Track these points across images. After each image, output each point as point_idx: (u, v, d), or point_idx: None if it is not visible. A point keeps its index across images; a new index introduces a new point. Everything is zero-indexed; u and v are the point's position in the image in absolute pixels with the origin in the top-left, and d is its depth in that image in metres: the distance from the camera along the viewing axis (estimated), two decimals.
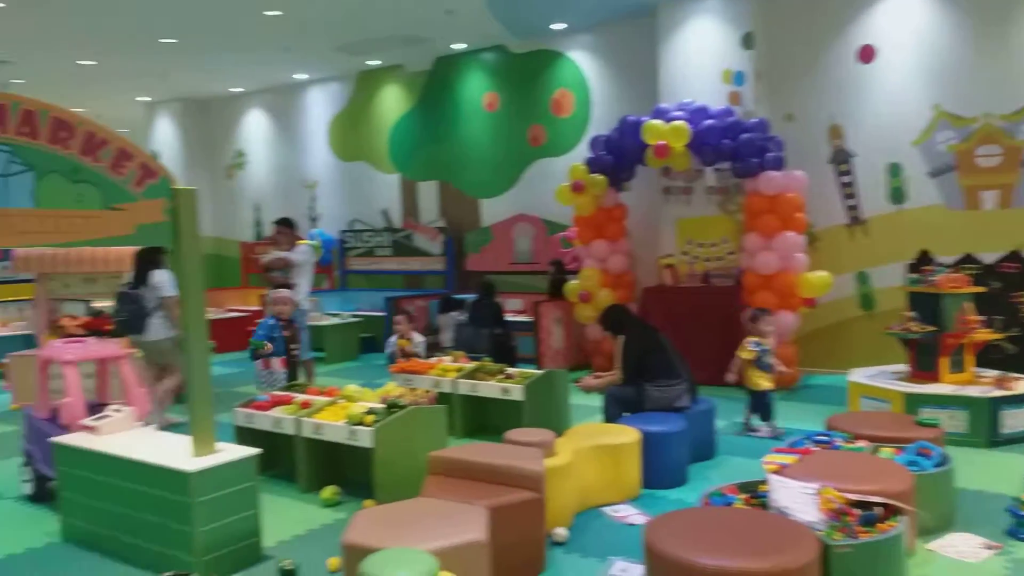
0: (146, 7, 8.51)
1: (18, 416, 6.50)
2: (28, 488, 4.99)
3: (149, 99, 13.84)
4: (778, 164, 7.68)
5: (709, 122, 7.70)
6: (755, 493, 3.60)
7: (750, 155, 7.59)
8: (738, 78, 8.18)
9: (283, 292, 6.44)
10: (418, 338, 7.26)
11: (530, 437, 4.29)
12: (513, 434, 4.41)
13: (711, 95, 8.07)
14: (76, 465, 4.22)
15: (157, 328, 6.59)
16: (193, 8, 8.55)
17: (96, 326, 7.39)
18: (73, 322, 7.56)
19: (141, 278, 6.64)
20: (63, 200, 3.35)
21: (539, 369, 7.10)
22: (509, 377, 6.09)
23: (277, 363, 6.11)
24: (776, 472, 3.65)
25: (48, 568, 3.98)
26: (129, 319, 6.51)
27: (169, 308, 6.49)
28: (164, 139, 14.03)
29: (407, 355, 7.04)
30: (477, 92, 10.88)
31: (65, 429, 4.57)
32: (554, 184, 9.07)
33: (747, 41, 8.21)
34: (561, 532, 4.07)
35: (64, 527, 4.34)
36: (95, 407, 4.68)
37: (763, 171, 7.58)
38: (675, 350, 5.56)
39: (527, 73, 10.40)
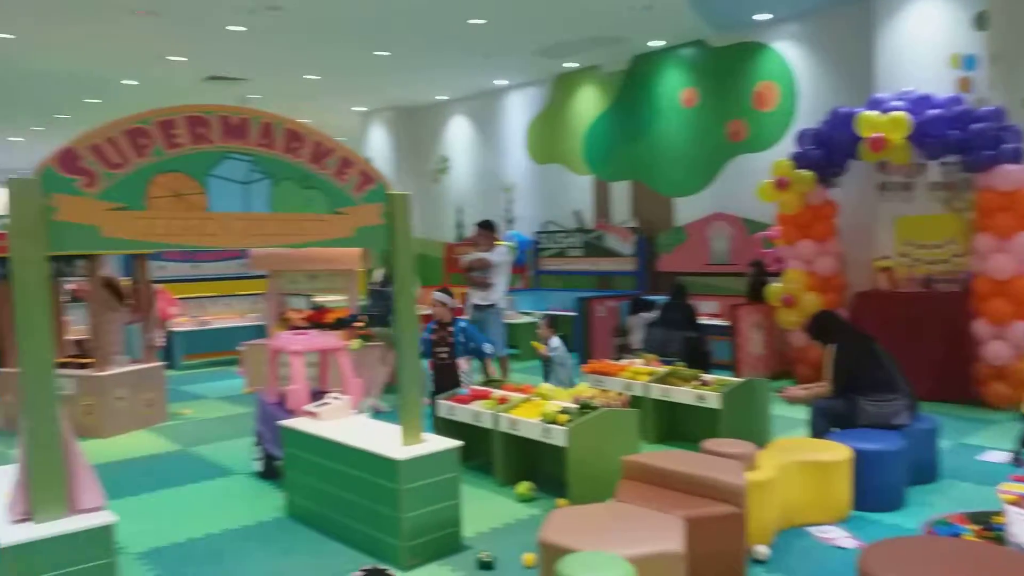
0: (364, 24, 9.17)
1: (251, 400, 7.25)
2: (258, 466, 5.53)
3: (364, 109, 14.91)
4: (1016, 156, 6.86)
5: (934, 111, 7.02)
6: (989, 525, 3.24)
7: (983, 147, 6.83)
8: (968, 62, 7.38)
9: (439, 295, 6.50)
10: (555, 343, 7.12)
11: (730, 448, 4.13)
12: (711, 444, 4.26)
13: (935, 82, 7.35)
14: (300, 447, 4.62)
15: None
16: (405, 21, 9.09)
17: (318, 319, 8.07)
18: (298, 315, 8.31)
19: (391, 277, 7.28)
20: (294, 205, 3.68)
21: (735, 376, 6.83)
22: (704, 384, 5.91)
23: (463, 362, 6.29)
24: (1016, 503, 3.25)
25: (274, 540, 4.39)
26: (380, 313, 7.19)
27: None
28: (377, 146, 15.04)
29: (543, 357, 7.03)
30: (674, 88, 10.66)
31: (291, 413, 5.02)
32: (755, 181, 8.67)
33: (980, 21, 7.38)
34: (762, 550, 3.88)
35: (288, 504, 4.77)
36: (317, 394, 5.11)
37: (998, 164, 6.80)
38: (893, 361, 5.12)
39: (727, 67, 10.03)
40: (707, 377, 6.06)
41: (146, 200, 3.28)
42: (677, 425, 6.10)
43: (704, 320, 8.93)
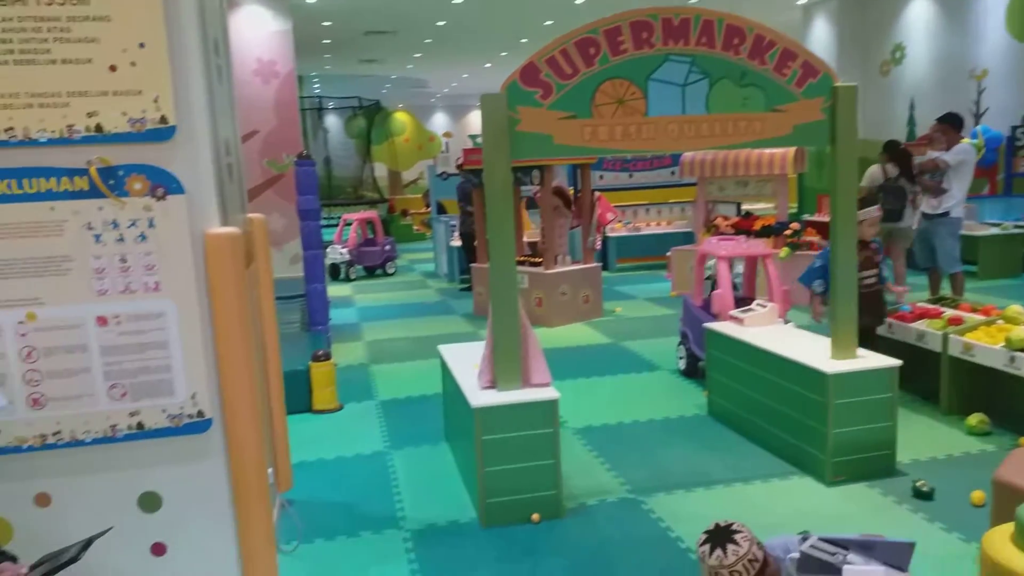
0: None
1: (677, 302, 7.52)
2: (681, 364, 5.76)
3: (805, 1, 13.84)
4: None
5: None
6: None
7: None
8: None
9: (874, 212, 5.52)
10: None
11: None
12: None
13: None
14: (723, 350, 4.68)
15: (909, 216, 7.16)
16: None
17: (745, 226, 7.94)
18: (726, 222, 8.27)
19: (905, 171, 7.16)
20: (731, 104, 3.61)
21: None
22: None
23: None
24: None
25: (695, 435, 4.57)
26: (893, 208, 7.06)
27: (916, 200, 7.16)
28: (818, 41, 13.91)
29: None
30: None
31: (715, 317, 5.09)
32: None
33: None
34: None
35: (709, 402, 4.90)
36: (742, 300, 5.08)
37: None
38: None
39: None
40: None
41: (592, 108, 3.51)
42: None
43: None
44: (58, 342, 2.08)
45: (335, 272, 11.63)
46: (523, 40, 16.12)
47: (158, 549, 2.22)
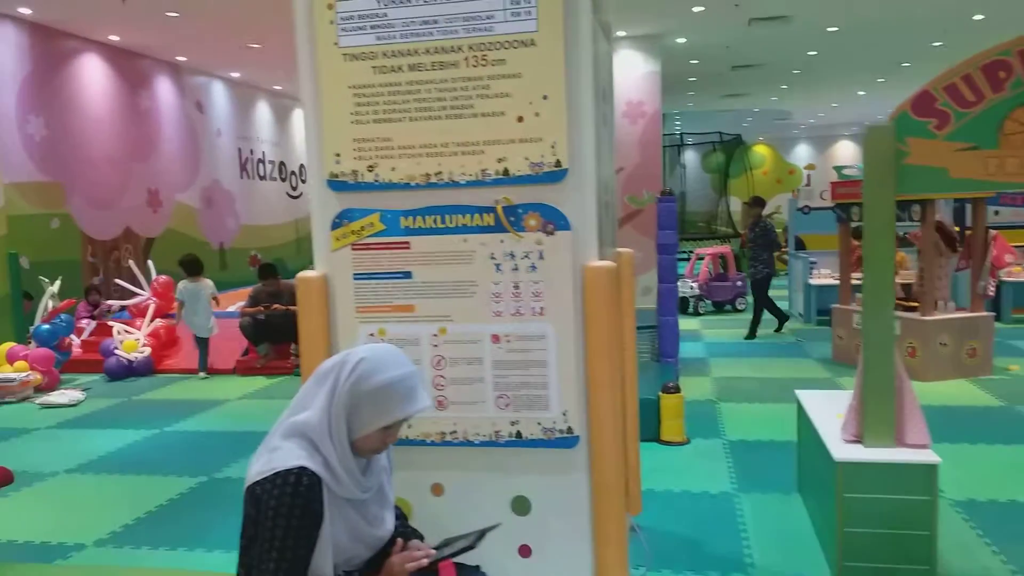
0: None
1: None
2: None
3: None
4: None
5: None
6: None
7: None
8: None
9: None
10: None
11: None
12: None
13: None
14: None
15: None
16: None
17: None
18: None
19: None
20: None
21: None
22: None
23: None
24: None
25: None
26: None
27: None
28: None
29: None
30: None
31: None
32: None
33: None
34: None
35: None
36: None
37: None
38: None
39: None
40: None
41: (999, 137, 3.11)
42: None
43: None
44: (461, 354, 2.41)
45: (683, 306, 11.69)
46: (904, 64, 14.75)
47: (524, 551, 2.44)
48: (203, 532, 3.88)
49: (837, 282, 9.97)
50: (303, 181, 17.65)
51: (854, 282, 7.62)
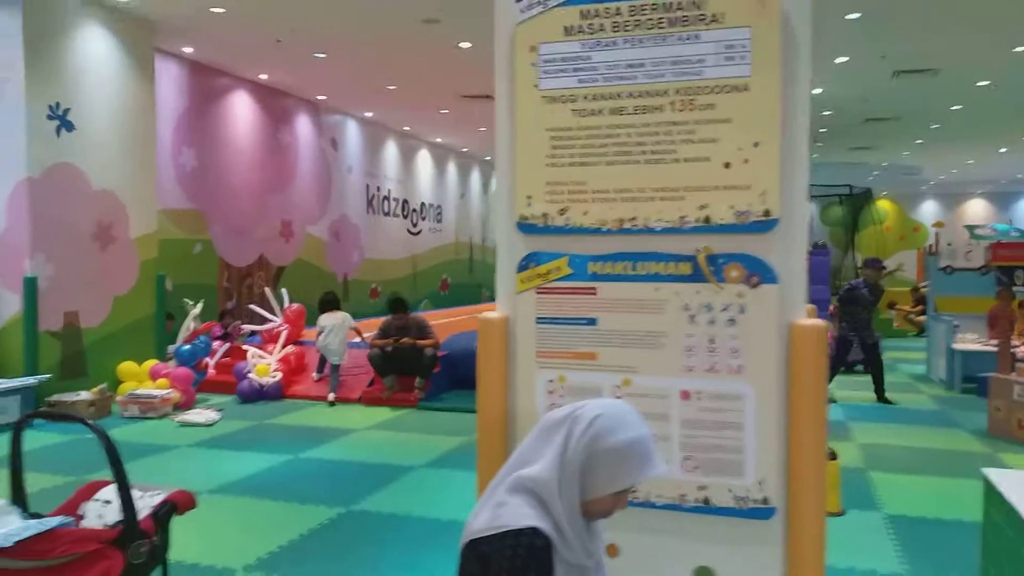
0: None
1: None
2: None
3: None
4: None
5: None
6: None
7: None
8: None
9: None
10: None
11: None
12: None
13: None
14: None
15: None
16: None
17: None
18: None
19: None
20: None
21: None
22: None
23: None
24: None
25: None
26: None
27: None
28: None
29: None
30: None
31: None
32: None
33: None
34: None
35: None
36: None
37: None
38: None
39: None
40: None
41: None
42: None
43: None
44: (645, 408, 2.28)
45: None
46: None
47: None
48: (349, 568, 3.85)
49: (984, 347, 9.33)
50: (423, 219, 18.09)
51: (1016, 350, 7.04)
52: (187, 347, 8.55)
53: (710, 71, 2.20)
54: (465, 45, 10.04)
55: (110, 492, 2.69)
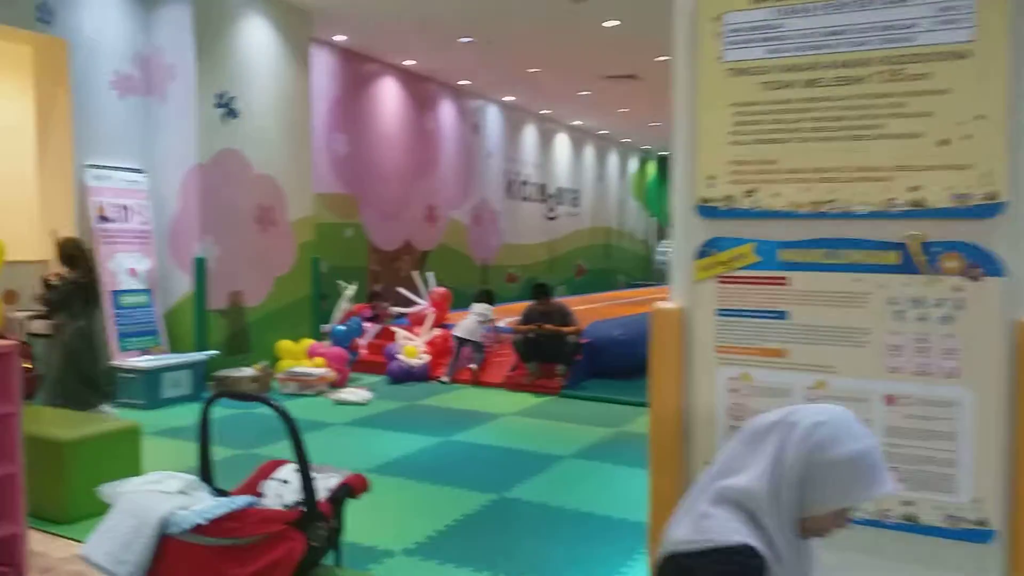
0: None
1: None
2: None
3: None
4: None
5: None
6: None
7: None
8: None
9: None
10: None
11: None
12: None
13: None
14: None
15: None
16: None
17: None
18: None
19: None
20: None
21: None
22: None
23: None
24: None
25: None
26: None
27: None
28: None
29: None
30: None
31: None
32: None
33: None
34: None
35: None
36: None
37: None
38: None
39: None
40: None
41: None
42: None
43: None
44: None
45: None
46: None
47: None
48: (504, 557, 3.82)
49: None
50: (559, 204, 18.01)
51: None
52: (342, 327, 8.88)
53: (923, 36, 1.95)
54: (609, 24, 9.81)
55: (288, 471, 2.77)
